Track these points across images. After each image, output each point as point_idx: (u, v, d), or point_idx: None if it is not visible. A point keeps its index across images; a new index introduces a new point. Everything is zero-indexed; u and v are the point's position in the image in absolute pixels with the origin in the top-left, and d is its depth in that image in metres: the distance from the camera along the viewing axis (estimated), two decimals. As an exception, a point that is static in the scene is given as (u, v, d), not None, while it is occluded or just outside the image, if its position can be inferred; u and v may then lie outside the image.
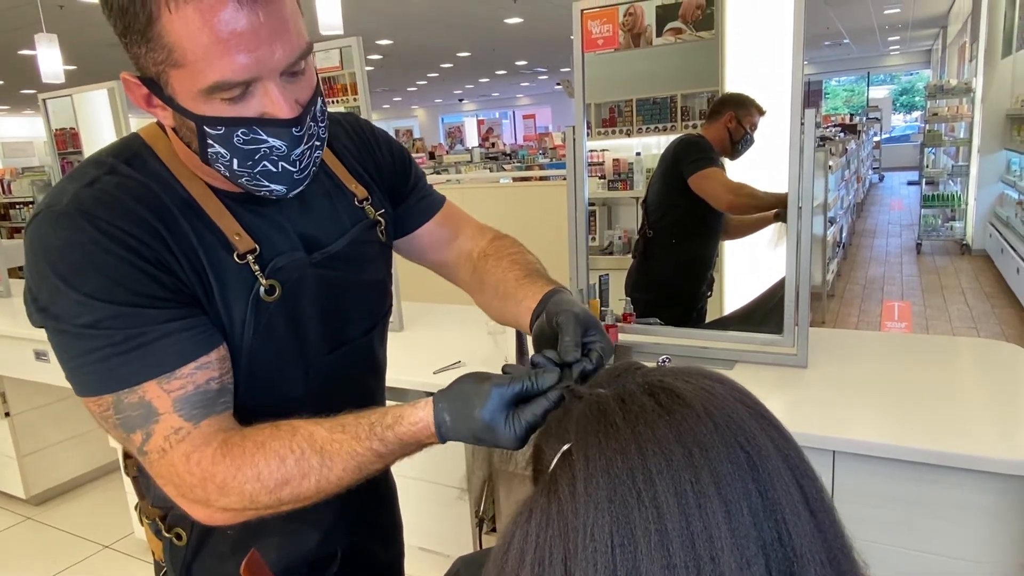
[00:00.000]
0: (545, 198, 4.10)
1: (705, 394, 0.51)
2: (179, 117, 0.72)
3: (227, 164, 0.74)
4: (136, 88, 0.72)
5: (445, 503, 1.86)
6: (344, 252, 0.90)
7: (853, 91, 19.47)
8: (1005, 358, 1.75)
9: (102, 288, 0.70)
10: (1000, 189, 6.89)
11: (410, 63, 13.38)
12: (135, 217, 0.73)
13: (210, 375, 0.76)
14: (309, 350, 0.88)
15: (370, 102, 2.27)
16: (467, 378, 0.72)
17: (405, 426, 0.73)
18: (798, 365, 1.71)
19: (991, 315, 5.28)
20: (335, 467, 0.73)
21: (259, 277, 0.80)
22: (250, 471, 0.72)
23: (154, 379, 0.72)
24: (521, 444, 0.68)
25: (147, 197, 0.75)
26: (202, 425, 0.74)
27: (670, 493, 0.45)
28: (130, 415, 0.73)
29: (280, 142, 0.73)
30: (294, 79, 0.73)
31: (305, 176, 0.79)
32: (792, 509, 0.46)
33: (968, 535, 1.29)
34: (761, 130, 1.84)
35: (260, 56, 0.68)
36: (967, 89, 7.61)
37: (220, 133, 0.71)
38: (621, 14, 1.81)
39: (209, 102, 0.70)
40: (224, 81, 0.68)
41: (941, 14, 11.95)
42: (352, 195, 0.94)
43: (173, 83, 0.69)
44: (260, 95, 0.71)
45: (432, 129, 24.01)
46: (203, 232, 0.78)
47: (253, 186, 0.77)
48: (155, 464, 0.74)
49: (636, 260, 2.16)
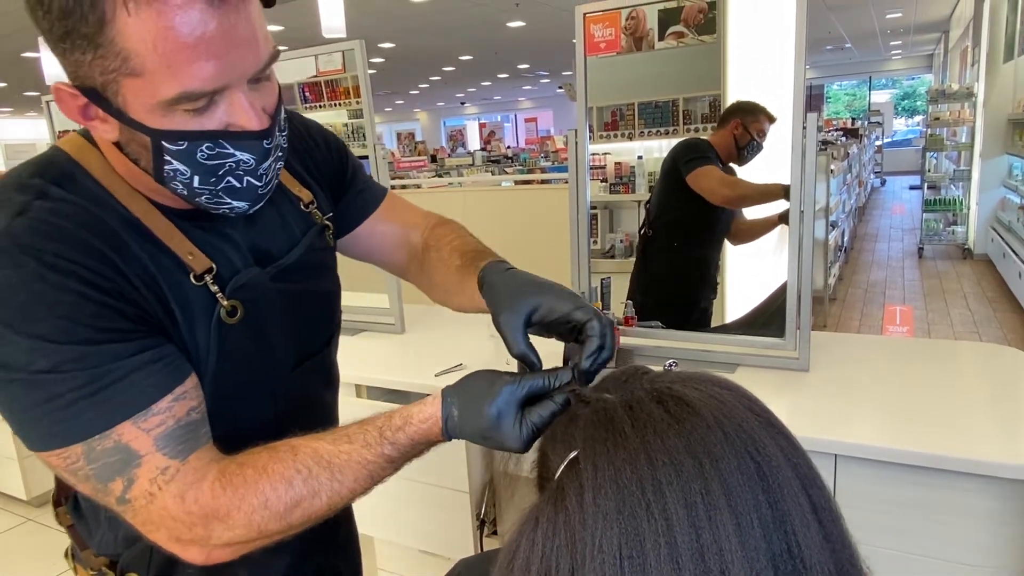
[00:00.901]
0: (546, 201, 4.10)
1: (715, 402, 0.50)
2: (127, 131, 0.65)
3: (186, 182, 0.67)
4: (72, 99, 0.64)
5: (446, 506, 1.86)
6: (299, 263, 0.85)
7: (855, 95, 19.49)
8: (1007, 362, 1.75)
9: (58, 329, 0.63)
10: (1002, 193, 6.89)
11: (412, 66, 13.40)
12: (83, 245, 0.65)
13: (189, 405, 0.70)
14: (275, 368, 0.84)
15: (372, 105, 2.28)
16: (478, 374, 0.70)
17: (416, 425, 0.70)
18: (800, 369, 1.71)
19: (993, 319, 5.27)
20: (346, 480, 0.69)
21: (219, 299, 0.74)
22: (256, 499, 0.67)
23: (129, 419, 0.65)
24: (527, 446, 0.65)
25: (90, 222, 0.67)
26: (190, 460, 0.68)
27: (680, 505, 0.44)
28: (106, 463, 0.65)
29: (248, 155, 0.67)
30: (259, 86, 0.67)
31: (269, 191, 0.73)
32: (802, 520, 0.46)
33: (969, 539, 1.29)
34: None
35: (231, 63, 0.62)
36: (969, 93, 7.61)
37: (181, 149, 0.64)
38: (623, 18, 1.81)
39: (169, 115, 0.63)
40: (191, 91, 0.61)
41: (943, 19, 11.95)
42: (297, 199, 0.88)
43: (125, 94, 0.62)
44: (226, 105, 0.64)
45: (434, 132, 24.04)
46: (155, 254, 0.71)
47: (212, 204, 0.70)
48: (142, 511, 0.67)
49: (637, 262, 2.16)
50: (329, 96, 2.35)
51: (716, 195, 1.96)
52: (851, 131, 9.77)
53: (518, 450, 0.65)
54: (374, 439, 0.70)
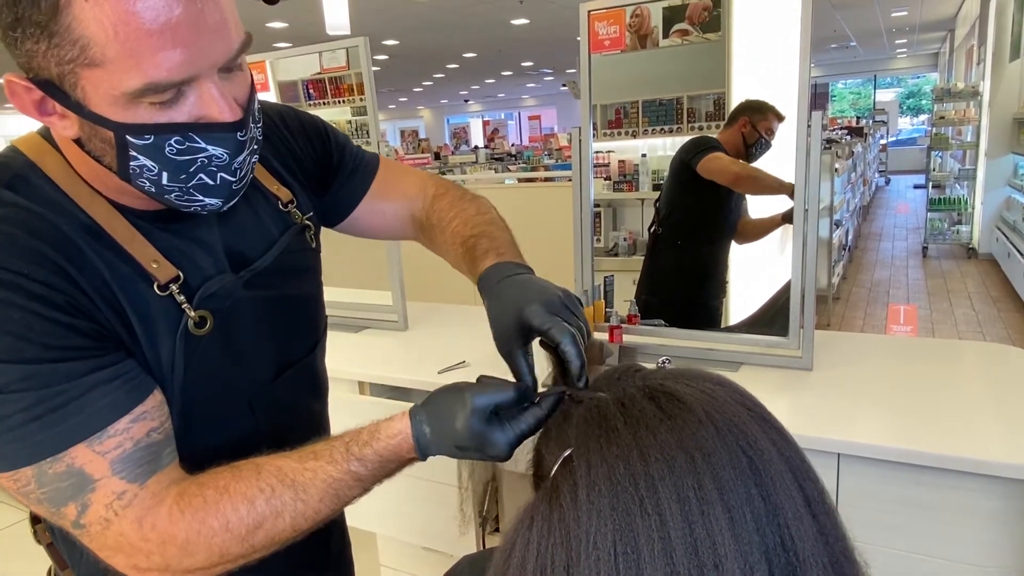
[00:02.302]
0: (550, 199, 4.09)
1: (706, 398, 0.51)
2: (89, 127, 0.60)
3: (154, 179, 0.63)
4: (26, 93, 0.59)
5: (449, 503, 1.86)
6: (275, 266, 0.80)
7: (860, 94, 19.44)
8: (1011, 362, 1.75)
9: (4, 347, 0.59)
10: (1007, 193, 6.87)
11: (416, 64, 13.40)
12: (35, 256, 0.61)
13: (149, 426, 0.66)
14: (252, 379, 0.80)
15: (376, 102, 2.28)
16: (442, 390, 0.68)
17: (383, 440, 0.66)
18: (803, 368, 1.71)
19: (997, 319, 5.26)
20: (311, 500, 0.65)
21: (186, 310, 0.70)
22: (215, 522, 0.64)
23: (82, 442, 0.61)
24: (510, 451, 0.64)
25: (43, 229, 0.63)
26: (149, 484, 0.64)
27: (673, 500, 0.44)
28: (58, 487, 0.61)
29: (221, 149, 0.63)
30: (230, 75, 0.63)
31: (243, 186, 0.69)
32: (794, 513, 0.46)
33: (972, 539, 1.29)
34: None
35: (200, 50, 0.57)
36: (974, 92, 7.59)
37: (148, 143, 0.60)
38: (628, 15, 1.81)
39: (133, 107, 0.58)
40: (156, 82, 0.57)
41: (949, 17, 11.91)
42: (276, 199, 0.83)
43: (84, 85, 0.57)
44: (195, 97, 0.60)
45: (438, 129, 24.05)
46: (114, 263, 0.66)
47: (183, 202, 0.66)
48: (98, 536, 0.64)
49: (646, 260, 2.17)
50: (333, 93, 2.35)
51: (727, 172, 1.93)
52: (856, 130, 9.76)
53: (501, 456, 0.64)
54: (340, 455, 0.66)
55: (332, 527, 1.00)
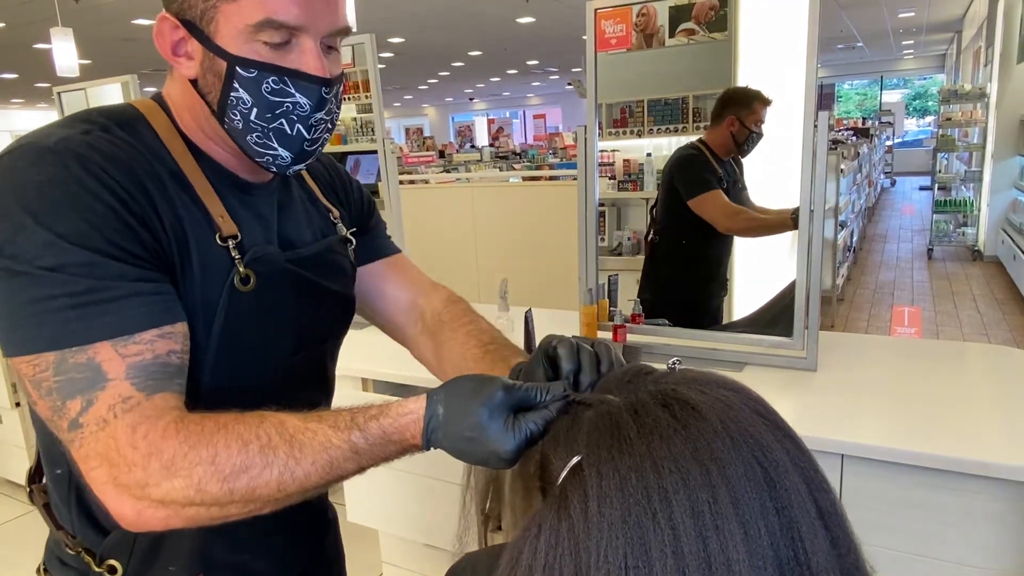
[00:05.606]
0: (554, 198, 4.09)
1: (721, 406, 0.49)
2: (207, 62, 0.72)
3: (245, 112, 0.73)
4: (171, 31, 0.72)
5: (451, 500, 1.86)
6: (315, 258, 0.88)
7: (866, 95, 19.38)
8: (1016, 364, 1.74)
9: (78, 232, 0.65)
10: (1013, 195, 6.85)
11: (421, 61, 13.40)
12: (128, 173, 0.70)
13: (172, 347, 0.69)
14: (275, 347, 0.84)
15: (381, 99, 2.28)
16: (468, 376, 0.66)
17: (392, 417, 0.66)
18: (807, 368, 1.71)
19: (1002, 321, 5.24)
20: (303, 460, 0.64)
21: (237, 264, 0.77)
22: (205, 451, 0.63)
23: (109, 340, 0.65)
24: (516, 454, 0.61)
25: (140, 160, 0.72)
26: (155, 398, 0.66)
27: (687, 514, 0.43)
28: (73, 377, 0.64)
29: (306, 100, 0.74)
30: (330, 53, 0.75)
31: (313, 150, 0.79)
32: (809, 526, 0.45)
33: (975, 541, 1.29)
34: (772, 133, 1.83)
35: (314, 10, 0.70)
36: (981, 94, 7.56)
37: (251, 76, 0.71)
38: (634, 14, 1.80)
39: (250, 43, 0.70)
40: (275, 19, 0.69)
41: (956, 18, 11.87)
42: (327, 211, 0.94)
43: (219, 20, 0.70)
44: (298, 52, 0.72)
45: (442, 128, 24.05)
46: (191, 207, 0.75)
47: (260, 146, 0.75)
48: (89, 439, 0.64)
49: (646, 261, 2.16)
50: (338, 90, 2.35)
51: (719, 225, 1.98)
52: (862, 131, 9.74)
53: (506, 458, 0.61)
54: (344, 423, 0.66)
55: (328, 526, 1.03)
